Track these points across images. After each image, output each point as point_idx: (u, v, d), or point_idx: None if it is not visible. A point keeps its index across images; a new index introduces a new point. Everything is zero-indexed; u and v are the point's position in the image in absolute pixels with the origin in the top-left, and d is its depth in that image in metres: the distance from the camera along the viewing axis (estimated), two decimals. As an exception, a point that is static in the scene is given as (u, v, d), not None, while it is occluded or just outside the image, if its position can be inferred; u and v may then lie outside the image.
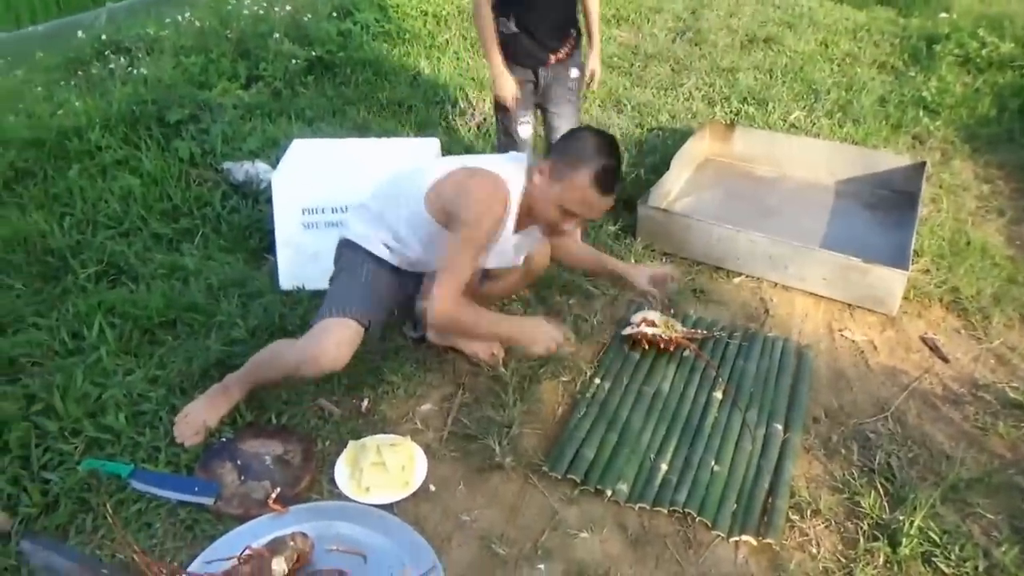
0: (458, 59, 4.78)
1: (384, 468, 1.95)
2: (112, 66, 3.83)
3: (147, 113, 3.52)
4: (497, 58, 2.64)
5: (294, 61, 4.06)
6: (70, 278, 2.63)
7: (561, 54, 2.73)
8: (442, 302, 1.85)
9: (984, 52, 4.68)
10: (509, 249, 2.08)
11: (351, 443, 2.03)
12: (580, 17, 2.82)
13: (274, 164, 3.24)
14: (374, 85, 4.29)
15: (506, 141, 2.84)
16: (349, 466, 1.98)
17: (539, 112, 2.89)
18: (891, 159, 3.38)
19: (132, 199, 3.02)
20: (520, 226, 2.01)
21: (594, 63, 2.90)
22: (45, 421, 2.02)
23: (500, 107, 2.79)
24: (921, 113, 4.13)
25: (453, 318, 1.89)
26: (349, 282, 2.05)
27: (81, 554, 1.74)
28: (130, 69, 3.81)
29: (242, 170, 3.18)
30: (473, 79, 4.41)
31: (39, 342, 2.32)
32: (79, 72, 3.94)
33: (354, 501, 1.89)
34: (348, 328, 1.92)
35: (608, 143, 1.90)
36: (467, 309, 1.92)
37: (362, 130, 3.77)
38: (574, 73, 2.81)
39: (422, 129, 3.82)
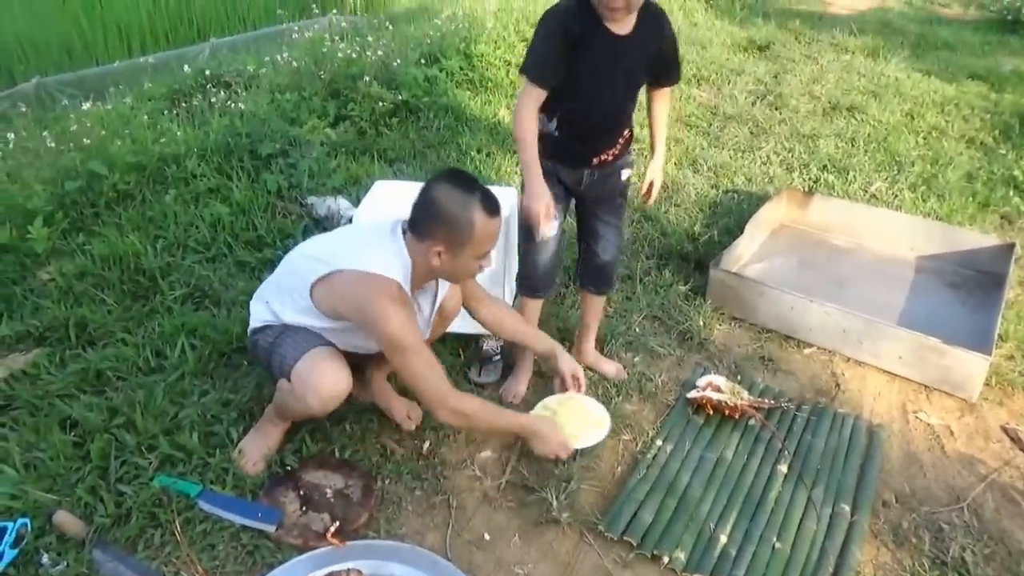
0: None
1: (583, 415, 2.24)
2: (213, 99, 4.04)
3: (241, 145, 3.70)
4: (536, 171, 2.05)
5: (381, 103, 4.21)
6: (158, 298, 2.76)
7: (608, 155, 2.26)
8: (442, 411, 1.88)
9: (1081, 134, 4.53)
10: (425, 315, 2.10)
11: (537, 408, 2.27)
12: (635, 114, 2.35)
13: (355, 201, 3.37)
14: (454, 131, 4.40)
15: (527, 247, 2.36)
16: None
17: (576, 209, 2.45)
18: (977, 238, 3.29)
19: (221, 226, 3.16)
20: (415, 288, 1.96)
21: (654, 172, 2.43)
22: (124, 434, 2.12)
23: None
24: (1011, 192, 4.01)
25: (462, 417, 1.91)
26: (295, 336, 1.96)
27: (148, 568, 1.80)
28: (229, 103, 4.01)
29: (324, 205, 3.30)
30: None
31: (125, 357, 2.43)
32: (182, 103, 4.18)
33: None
34: (330, 355, 1.92)
35: (445, 177, 1.86)
36: (475, 405, 1.94)
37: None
38: (624, 175, 2.37)
39: (498, 176, 3.90)
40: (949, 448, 2.38)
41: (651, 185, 2.43)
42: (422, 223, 1.86)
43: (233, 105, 4.03)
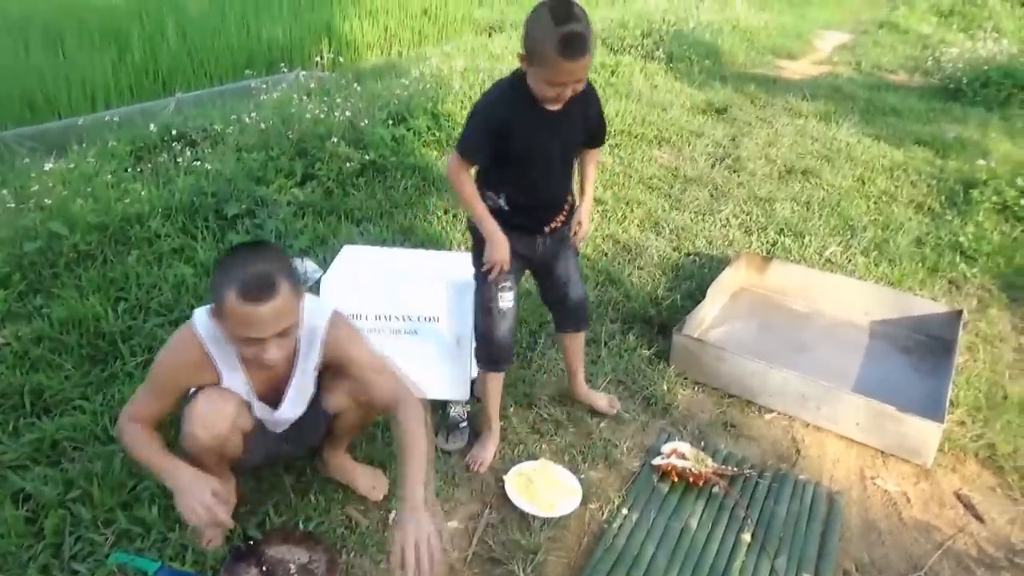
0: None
1: (557, 483, 2.33)
2: (179, 159, 4.04)
3: (206, 205, 3.70)
4: (490, 220, 2.19)
5: (348, 163, 4.25)
6: (118, 363, 2.71)
7: (557, 221, 2.35)
8: (119, 429, 1.89)
9: (1023, 202, 4.75)
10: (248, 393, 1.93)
11: (512, 473, 2.36)
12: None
13: (322, 263, 3.38)
14: (421, 190, 4.45)
15: (484, 320, 2.40)
16: (523, 491, 2.29)
17: (535, 275, 2.58)
18: (927, 304, 3.41)
19: (184, 288, 3.13)
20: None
21: (581, 214, 2.41)
22: (80, 508, 2.07)
23: (481, 276, 2.35)
24: (958, 258, 4.17)
25: (123, 443, 1.90)
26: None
27: (100, 653, 1.74)
28: (195, 161, 4.02)
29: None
30: (518, 192, 4.56)
31: (82, 426, 2.38)
32: (147, 161, 4.16)
33: (545, 517, 2.23)
34: (215, 390, 1.89)
35: (235, 247, 1.82)
36: (137, 439, 1.86)
37: (407, 233, 3.91)
38: (572, 227, 2.43)
39: (465, 238, 3.94)
40: (906, 515, 2.43)
41: (579, 225, 2.42)
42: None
43: (199, 164, 4.03)
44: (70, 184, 3.51)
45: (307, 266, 3.30)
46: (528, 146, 2.14)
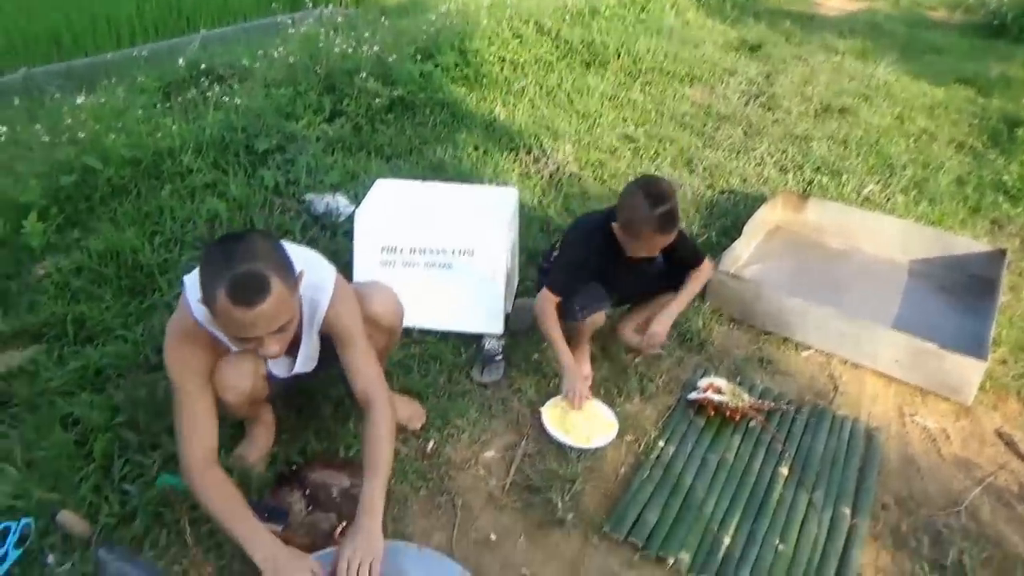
0: (533, 107, 4.88)
1: (593, 416, 2.34)
2: (208, 94, 4.00)
3: (236, 140, 3.67)
4: (567, 354, 2.40)
5: (376, 99, 4.19)
6: (156, 295, 2.73)
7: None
8: (182, 462, 1.71)
9: (1070, 139, 4.60)
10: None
11: (548, 406, 2.36)
12: None
13: (353, 199, 3.36)
14: (451, 127, 4.39)
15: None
16: (559, 423, 2.30)
17: None
18: (968, 243, 3.34)
19: (218, 222, 3.13)
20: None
21: (659, 322, 2.53)
22: (127, 433, 2.10)
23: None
24: (1001, 198, 4.07)
25: (195, 492, 1.69)
26: None
27: (154, 568, 1.79)
28: (224, 97, 3.98)
29: (323, 203, 3.28)
30: (548, 128, 4.49)
31: (125, 355, 2.41)
32: (176, 96, 4.13)
33: (581, 448, 2.25)
34: (237, 355, 1.83)
35: (226, 237, 1.65)
36: (213, 493, 1.67)
37: (437, 170, 3.86)
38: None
39: (496, 174, 3.90)
40: (945, 452, 2.42)
41: (647, 326, 2.54)
42: None
43: (227, 99, 3.99)
44: (102, 119, 3.49)
45: (339, 201, 3.28)
46: (613, 286, 2.49)
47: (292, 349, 1.86)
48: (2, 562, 1.76)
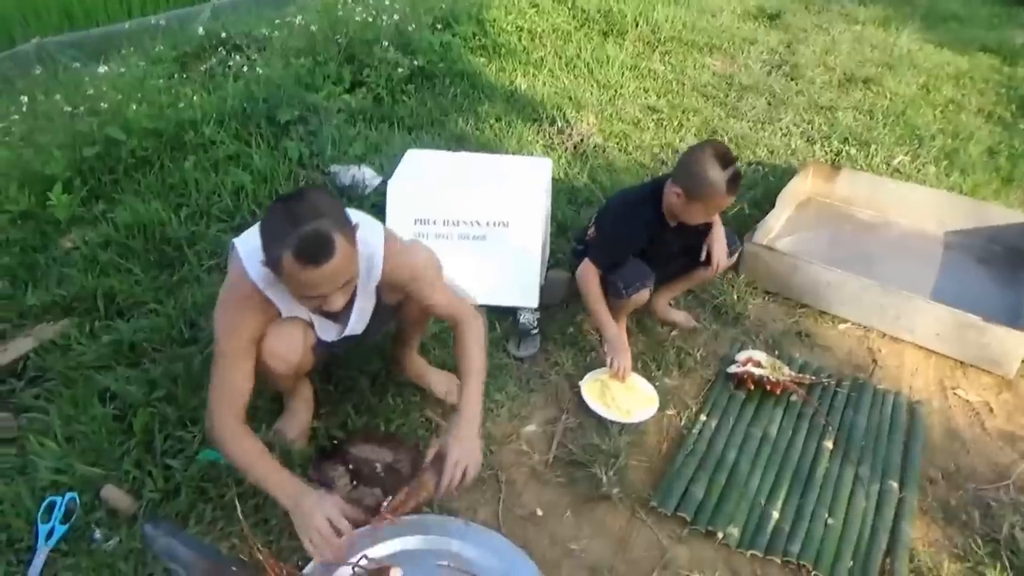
0: (554, 77, 4.80)
1: (633, 390, 2.31)
2: (229, 64, 3.93)
3: (258, 111, 3.61)
4: (612, 326, 2.36)
5: (397, 70, 4.11)
6: (186, 268, 2.70)
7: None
8: (207, 421, 1.71)
9: (1100, 110, 4.52)
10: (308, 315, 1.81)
11: (587, 380, 2.33)
12: None
13: (379, 170, 3.31)
14: (471, 98, 4.32)
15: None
16: (598, 397, 2.27)
17: None
18: (1006, 214, 3.28)
19: (244, 194, 3.09)
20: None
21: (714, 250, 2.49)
22: (166, 408, 2.08)
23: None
24: (1033, 168, 4.00)
25: (218, 444, 1.71)
26: None
27: (200, 543, 1.77)
28: (244, 67, 3.91)
29: (349, 174, 3.23)
30: (570, 98, 4.42)
31: (159, 328, 2.39)
32: (193, 67, 4.07)
33: (623, 422, 2.21)
34: (287, 322, 1.81)
35: (286, 199, 1.59)
36: (236, 441, 1.70)
37: (460, 142, 3.81)
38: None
39: (520, 145, 3.84)
40: (989, 425, 2.39)
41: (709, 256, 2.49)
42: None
43: (247, 69, 3.93)
44: (122, 89, 3.43)
45: (364, 173, 3.23)
46: (656, 260, 2.41)
47: (342, 313, 1.83)
48: (50, 537, 1.74)
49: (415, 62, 4.31)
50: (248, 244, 1.68)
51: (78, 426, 2.03)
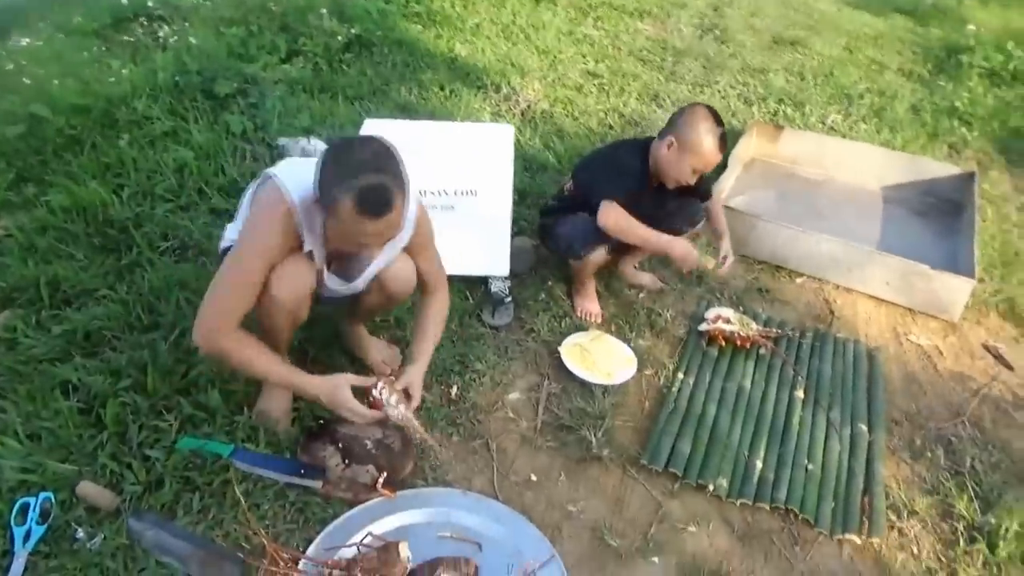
0: (492, 43, 4.73)
1: (612, 352, 2.34)
2: (160, 34, 3.72)
3: (192, 84, 3.43)
4: (658, 234, 2.36)
5: (338, 38, 3.98)
6: (135, 252, 2.55)
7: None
8: (196, 329, 1.67)
9: (1011, 66, 4.78)
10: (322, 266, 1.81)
11: (566, 345, 2.34)
12: None
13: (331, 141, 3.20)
14: (412, 66, 4.22)
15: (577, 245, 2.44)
16: (579, 361, 2.29)
17: None
18: (939, 168, 3.44)
19: (188, 172, 2.94)
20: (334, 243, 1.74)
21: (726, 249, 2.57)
22: (135, 397, 1.98)
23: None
24: (955, 123, 4.20)
25: (216, 351, 1.69)
26: None
27: (191, 534, 1.70)
28: (174, 38, 3.71)
29: (298, 147, 3.12)
30: (513, 65, 4.37)
31: (116, 315, 2.26)
32: (117, 38, 3.82)
33: (599, 385, 2.23)
34: (300, 259, 1.76)
35: (349, 143, 1.63)
36: (242, 347, 1.70)
37: (406, 111, 3.72)
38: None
39: (468, 113, 3.78)
40: (941, 367, 2.53)
41: (724, 259, 2.54)
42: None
43: (174, 40, 3.73)
44: (43, 64, 3.20)
45: (316, 145, 3.12)
46: (634, 215, 2.35)
47: (346, 269, 1.86)
48: (27, 540, 1.64)
49: (352, 30, 4.17)
50: (285, 172, 1.69)
51: (40, 422, 1.90)
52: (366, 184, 1.51)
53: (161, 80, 3.38)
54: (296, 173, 1.70)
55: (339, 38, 4.03)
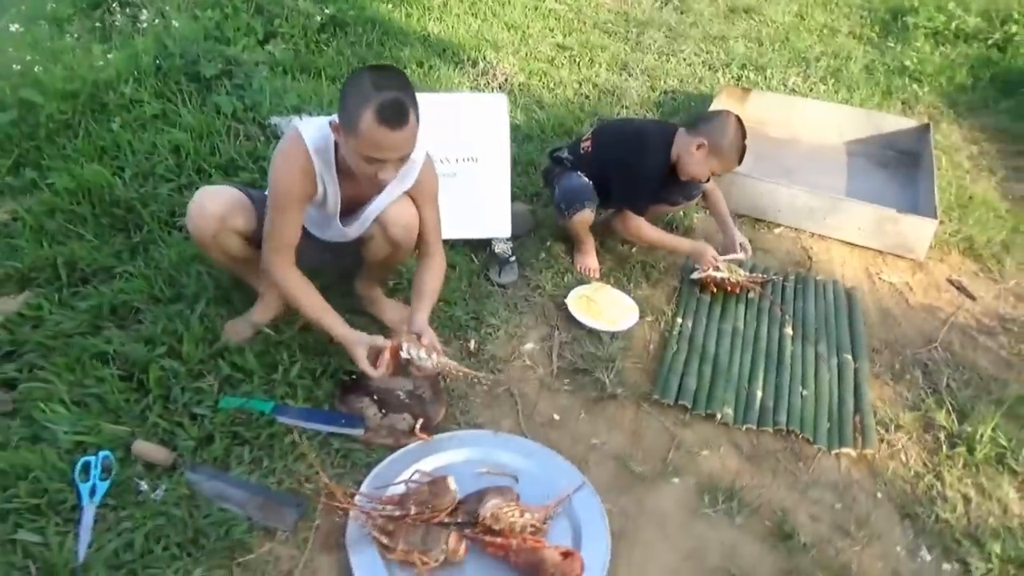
0: (461, 20, 4.82)
1: (615, 301, 2.51)
2: (142, 20, 3.72)
3: (175, 67, 3.45)
4: (679, 239, 2.76)
5: (317, 18, 4.03)
6: (145, 231, 2.62)
7: None
8: (267, 266, 1.95)
9: (953, 25, 5.06)
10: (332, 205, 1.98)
11: (572, 296, 2.49)
12: None
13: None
14: (388, 45, 4.29)
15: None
16: (585, 310, 2.45)
17: None
18: (896, 121, 3.68)
19: (184, 153, 2.99)
20: (342, 171, 1.90)
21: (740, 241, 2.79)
22: (172, 363, 2.06)
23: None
24: (906, 81, 4.46)
25: (277, 278, 1.96)
26: None
27: (246, 483, 1.81)
28: (152, 22, 3.71)
29: (291, 125, 3.16)
30: (486, 40, 4.48)
31: (139, 289, 2.33)
32: (96, 24, 3.81)
33: (606, 332, 2.39)
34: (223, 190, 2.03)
35: (371, 67, 1.77)
36: (293, 283, 1.95)
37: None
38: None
39: (448, 88, 3.88)
40: (912, 301, 2.75)
41: (742, 247, 2.78)
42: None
43: (154, 24, 3.74)
44: (29, 50, 3.20)
45: (308, 122, 3.19)
46: (654, 196, 2.66)
47: (353, 212, 2.02)
48: (93, 494, 1.73)
49: (326, 10, 4.22)
50: (303, 123, 1.88)
51: (84, 389, 1.98)
52: (386, 98, 1.65)
53: (144, 64, 3.40)
54: (313, 122, 1.88)
55: (320, 18, 4.07)
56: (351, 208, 2.02)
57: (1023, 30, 4.96)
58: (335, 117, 1.78)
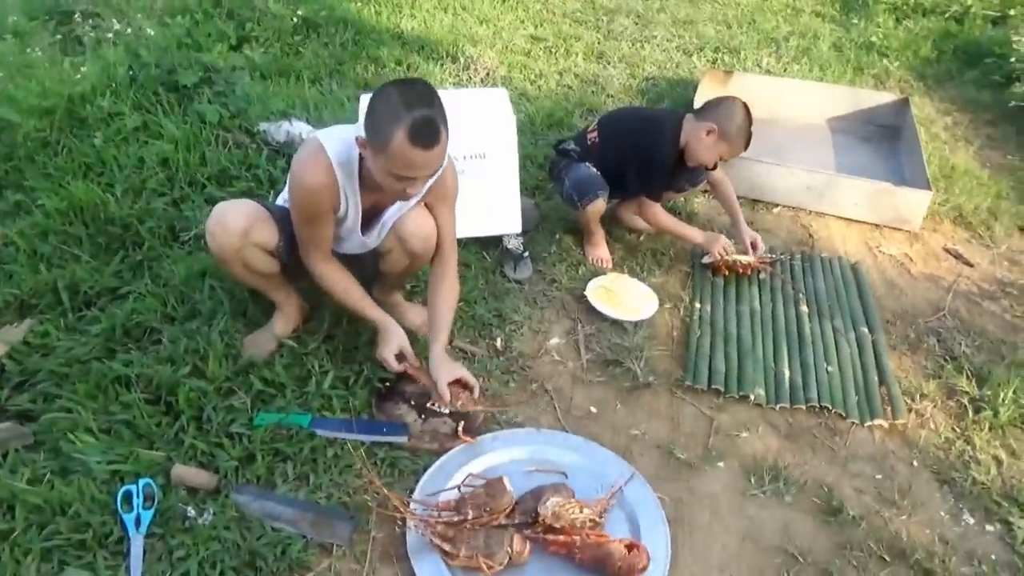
0: (433, 17, 4.76)
1: (633, 290, 2.52)
2: (113, 30, 3.59)
3: (151, 77, 3.34)
4: (691, 228, 2.75)
5: (293, 20, 3.94)
6: (146, 247, 2.53)
7: None
8: (309, 265, 1.97)
9: (911, 0, 5.18)
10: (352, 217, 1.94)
11: (591, 288, 2.49)
12: None
13: (315, 124, 3.21)
14: (363, 45, 4.22)
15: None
16: (606, 301, 2.45)
17: None
18: (875, 96, 3.76)
19: (173, 164, 2.90)
20: (365, 183, 1.86)
21: (750, 236, 2.78)
22: (198, 383, 2.00)
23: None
24: (875, 56, 4.55)
25: (316, 273, 1.97)
26: None
27: (295, 500, 1.77)
28: (121, 33, 3.59)
29: (282, 131, 3.11)
30: (463, 35, 4.43)
31: (151, 309, 2.25)
32: (60, 37, 3.67)
33: (630, 321, 2.40)
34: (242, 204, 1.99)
35: (400, 82, 1.74)
36: (336, 280, 1.98)
37: (367, 87, 3.74)
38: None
39: (434, 85, 3.83)
40: (914, 271, 2.82)
41: (753, 242, 2.76)
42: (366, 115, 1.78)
43: (124, 34, 3.61)
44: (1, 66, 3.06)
45: (299, 127, 3.12)
46: (660, 183, 2.66)
47: (370, 222, 1.99)
48: (139, 525, 1.67)
49: (298, 12, 4.14)
50: (323, 133, 1.83)
51: (111, 416, 1.91)
52: (417, 117, 1.60)
53: (119, 76, 3.29)
54: (334, 135, 1.83)
55: (291, 21, 3.98)
56: (368, 217, 1.98)
57: (978, 2, 5.10)
58: (360, 131, 1.73)
